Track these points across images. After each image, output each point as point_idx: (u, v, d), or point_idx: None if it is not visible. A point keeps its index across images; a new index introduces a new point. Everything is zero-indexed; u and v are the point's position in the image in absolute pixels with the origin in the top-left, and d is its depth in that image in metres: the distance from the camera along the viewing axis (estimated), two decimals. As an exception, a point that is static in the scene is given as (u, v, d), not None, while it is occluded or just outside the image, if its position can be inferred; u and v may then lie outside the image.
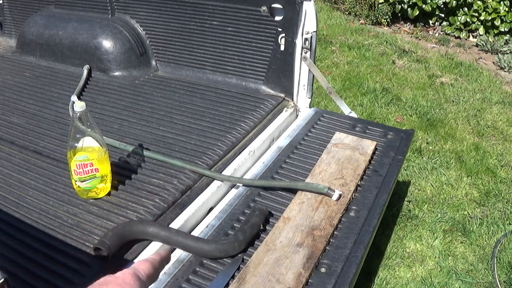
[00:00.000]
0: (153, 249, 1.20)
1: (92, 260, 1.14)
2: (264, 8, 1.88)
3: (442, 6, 4.64)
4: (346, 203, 1.37)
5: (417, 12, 4.75)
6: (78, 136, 1.28)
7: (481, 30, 4.55)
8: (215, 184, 1.47)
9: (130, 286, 0.54)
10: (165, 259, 0.68)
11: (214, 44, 2.08)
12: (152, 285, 1.12)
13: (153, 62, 2.26)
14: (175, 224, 1.30)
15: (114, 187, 1.40)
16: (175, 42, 2.18)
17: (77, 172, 1.30)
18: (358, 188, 1.46)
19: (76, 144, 1.29)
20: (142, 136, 1.69)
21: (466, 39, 4.68)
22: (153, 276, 0.63)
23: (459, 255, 2.05)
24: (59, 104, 1.93)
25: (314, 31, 1.82)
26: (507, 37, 4.45)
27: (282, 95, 1.98)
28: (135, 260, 1.18)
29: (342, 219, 1.33)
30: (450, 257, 2.04)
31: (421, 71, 3.90)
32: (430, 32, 4.87)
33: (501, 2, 4.40)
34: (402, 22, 5.10)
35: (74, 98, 1.88)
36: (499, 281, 1.90)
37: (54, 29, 2.32)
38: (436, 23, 4.87)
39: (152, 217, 1.29)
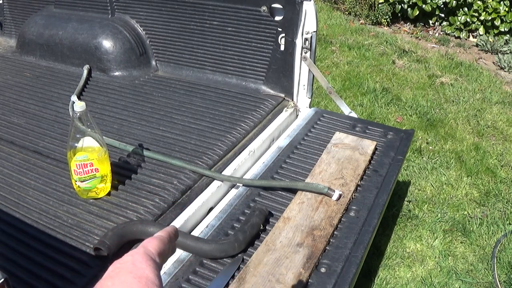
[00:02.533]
0: (153, 249, 1.20)
1: (92, 260, 1.14)
2: (264, 8, 1.88)
3: (442, 6, 4.64)
4: (346, 203, 1.37)
5: (417, 12, 4.75)
6: (78, 136, 1.28)
7: (481, 30, 4.55)
8: (215, 184, 1.47)
9: (142, 270, 0.48)
10: (174, 235, 0.60)
11: (214, 44, 2.08)
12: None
13: (153, 62, 2.26)
14: (175, 224, 1.30)
15: (114, 187, 1.40)
16: (175, 42, 2.18)
17: (77, 172, 1.30)
18: (358, 188, 1.46)
19: (76, 144, 1.29)
20: (142, 136, 1.69)
21: (466, 39, 4.68)
22: (164, 254, 0.55)
23: (459, 255, 2.05)
24: (59, 104, 1.93)
25: (314, 31, 1.82)
26: (507, 37, 4.45)
27: (282, 95, 1.98)
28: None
29: (342, 219, 1.33)
30: (450, 257, 2.04)
31: (421, 71, 3.90)
32: (430, 32, 4.87)
33: (501, 2, 4.39)
34: (402, 22, 5.10)
35: (74, 98, 1.88)
36: (499, 281, 1.90)
37: (54, 29, 2.32)
38: (436, 23, 4.87)
39: (152, 217, 1.29)
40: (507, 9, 4.37)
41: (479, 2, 4.47)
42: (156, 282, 0.48)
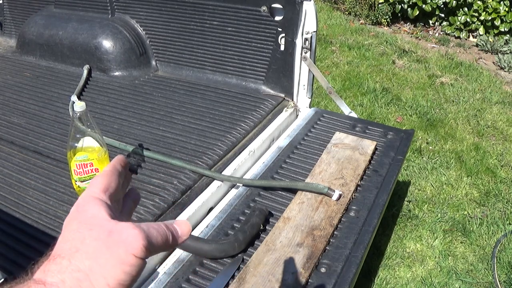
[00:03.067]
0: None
1: (92, 260, 1.14)
2: (264, 8, 1.88)
3: (442, 6, 4.64)
4: (346, 203, 1.37)
5: (417, 12, 4.75)
6: (78, 136, 1.28)
7: (481, 30, 4.55)
8: (215, 184, 1.47)
9: (85, 212, 0.46)
10: (120, 165, 0.56)
11: (214, 44, 2.08)
12: (152, 284, 1.12)
13: (153, 62, 2.26)
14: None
15: (114, 187, 1.40)
16: (175, 42, 2.18)
17: (77, 172, 1.30)
18: (358, 188, 1.46)
19: (76, 144, 1.29)
20: (142, 136, 1.69)
21: (466, 39, 4.68)
22: (111, 187, 0.51)
23: (459, 255, 2.05)
24: (59, 104, 1.93)
25: (314, 31, 1.82)
26: (507, 37, 4.45)
27: (282, 95, 1.98)
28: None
29: (342, 219, 1.33)
30: (450, 257, 2.04)
31: (421, 71, 3.90)
32: (430, 32, 4.87)
33: (501, 2, 4.40)
34: (402, 22, 5.10)
35: (74, 98, 1.88)
36: (499, 281, 1.90)
37: (54, 29, 2.32)
38: (436, 23, 4.87)
39: (152, 217, 1.29)
40: (507, 9, 4.37)
41: (479, 2, 4.47)
42: (105, 217, 0.46)
